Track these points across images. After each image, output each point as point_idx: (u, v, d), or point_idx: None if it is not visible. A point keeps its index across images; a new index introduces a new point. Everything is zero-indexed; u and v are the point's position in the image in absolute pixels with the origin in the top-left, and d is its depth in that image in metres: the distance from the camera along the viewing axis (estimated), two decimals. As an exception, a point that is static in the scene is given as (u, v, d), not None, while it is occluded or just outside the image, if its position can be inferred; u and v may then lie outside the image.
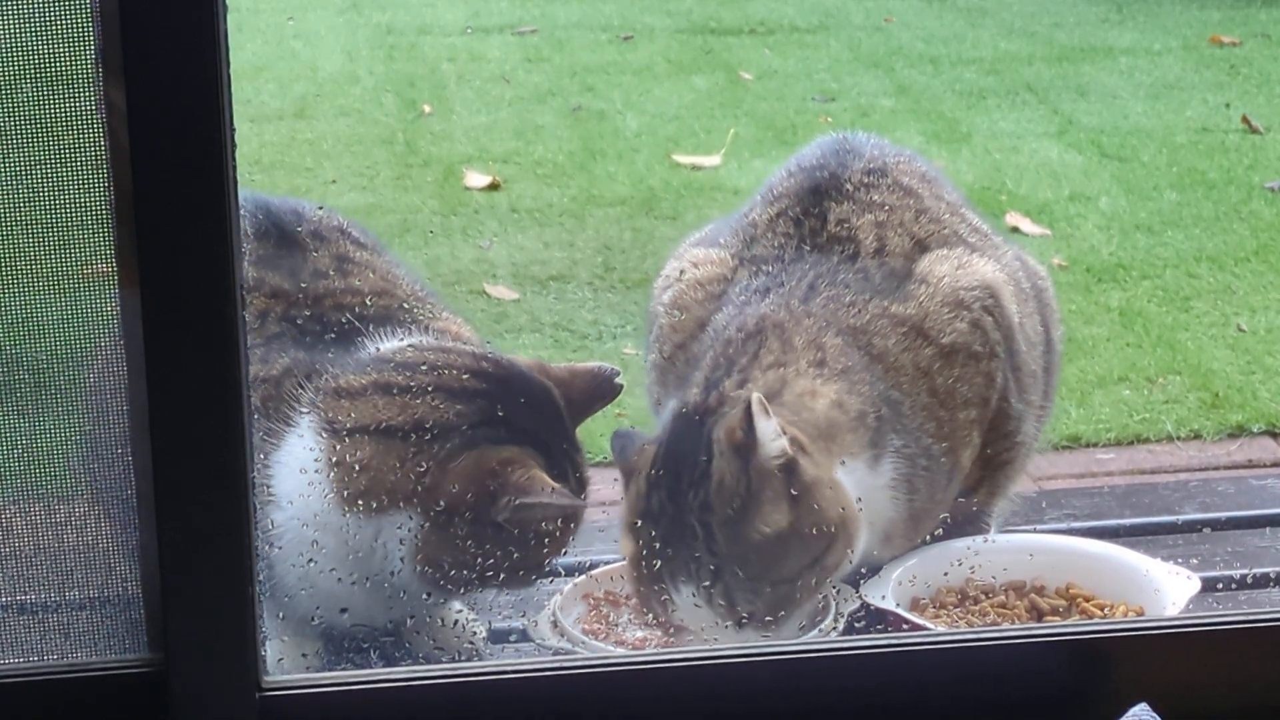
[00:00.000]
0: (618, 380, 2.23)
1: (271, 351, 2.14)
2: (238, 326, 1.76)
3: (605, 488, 2.26)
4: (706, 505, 2.13)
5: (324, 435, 2.10)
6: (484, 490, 2.08)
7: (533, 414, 2.15)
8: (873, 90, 5.70)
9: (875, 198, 2.42)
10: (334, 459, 2.09)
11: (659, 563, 2.15)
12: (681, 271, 2.41)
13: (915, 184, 2.46)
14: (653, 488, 2.17)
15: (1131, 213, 4.67)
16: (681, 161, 4.98)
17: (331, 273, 2.22)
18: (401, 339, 2.19)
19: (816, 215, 2.41)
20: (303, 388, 2.12)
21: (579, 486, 2.17)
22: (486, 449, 2.10)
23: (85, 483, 1.90)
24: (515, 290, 4.11)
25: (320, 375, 2.13)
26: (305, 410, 2.11)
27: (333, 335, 2.17)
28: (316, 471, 2.09)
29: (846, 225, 2.39)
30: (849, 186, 2.42)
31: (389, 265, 2.29)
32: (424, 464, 2.09)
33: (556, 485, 2.08)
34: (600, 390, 2.22)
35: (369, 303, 2.22)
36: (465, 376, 2.15)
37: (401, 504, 2.09)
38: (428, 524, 2.09)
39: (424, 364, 2.15)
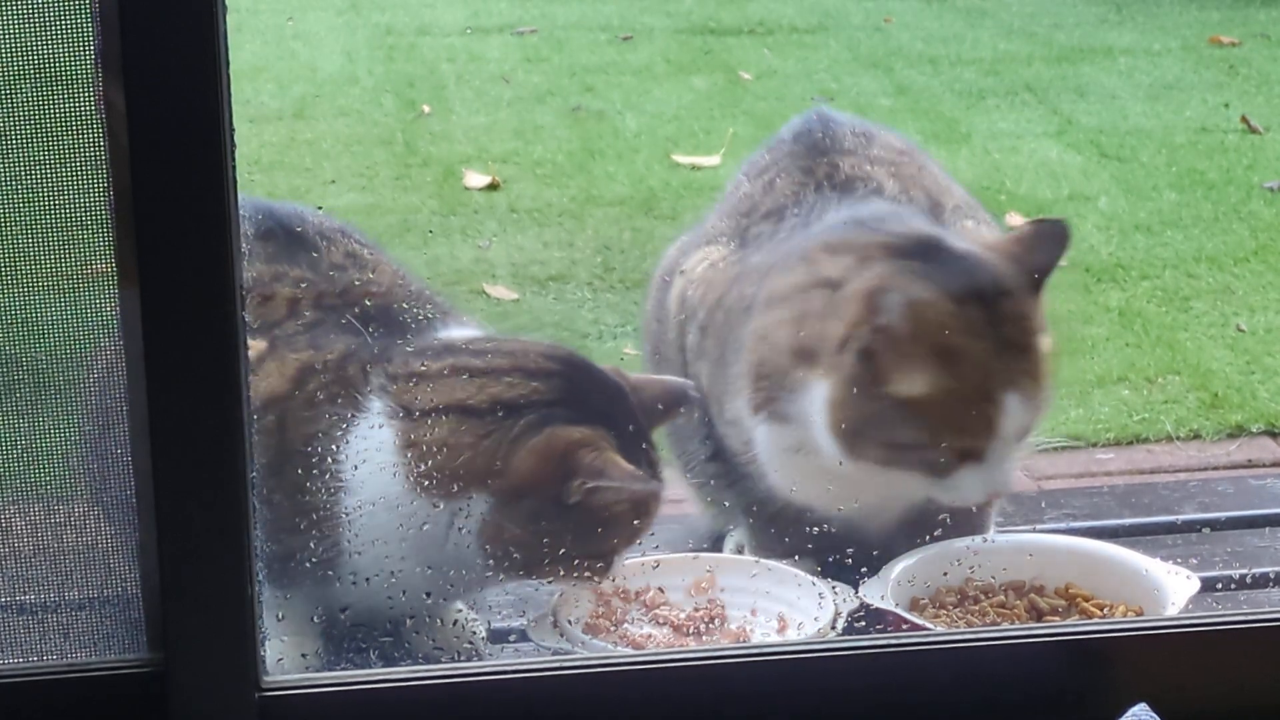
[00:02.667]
0: (691, 392, 2.24)
1: (316, 337, 2.15)
2: (238, 326, 1.76)
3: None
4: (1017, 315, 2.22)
5: (398, 418, 2.11)
6: (557, 471, 2.09)
7: (607, 401, 2.16)
8: (872, 90, 5.70)
9: (876, 152, 2.45)
10: (409, 440, 2.10)
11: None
12: (682, 271, 2.42)
13: (904, 145, 2.50)
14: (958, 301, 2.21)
15: (1131, 213, 4.67)
16: (681, 161, 4.98)
17: (349, 267, 2.24)
18: (465, 327, 2.21)
19: (827, 163, 2.42)
20: (368, 371, 2.13)
21: (651, 475, 2.17)
22: (560, 428, 2.11)
23: (85, 483, 1.90)
24: (515, 290, 4.11)
25: (388, 360, 2.14)
26: (375, 394, 2.12)
27: (386, 323, 2.18)
28: (389, 454, 2.10)
29: (861, 169, 2.41)
30: (847, 144, 2.44)
31: (396, 265, 2.31)
32: (499, 442, 2.10)
33: (630, 468, 2.09)
34: (672, 401, 2.23)
35: (397, 294, 2.24)
36: (542, 359, 2.17)
37: (475, 484, 2.10)
38: (499, 504, 2.09)
39: (501, 350, 2.17)
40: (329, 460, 2.10)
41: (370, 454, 2.10)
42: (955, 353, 2.16)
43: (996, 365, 2.17)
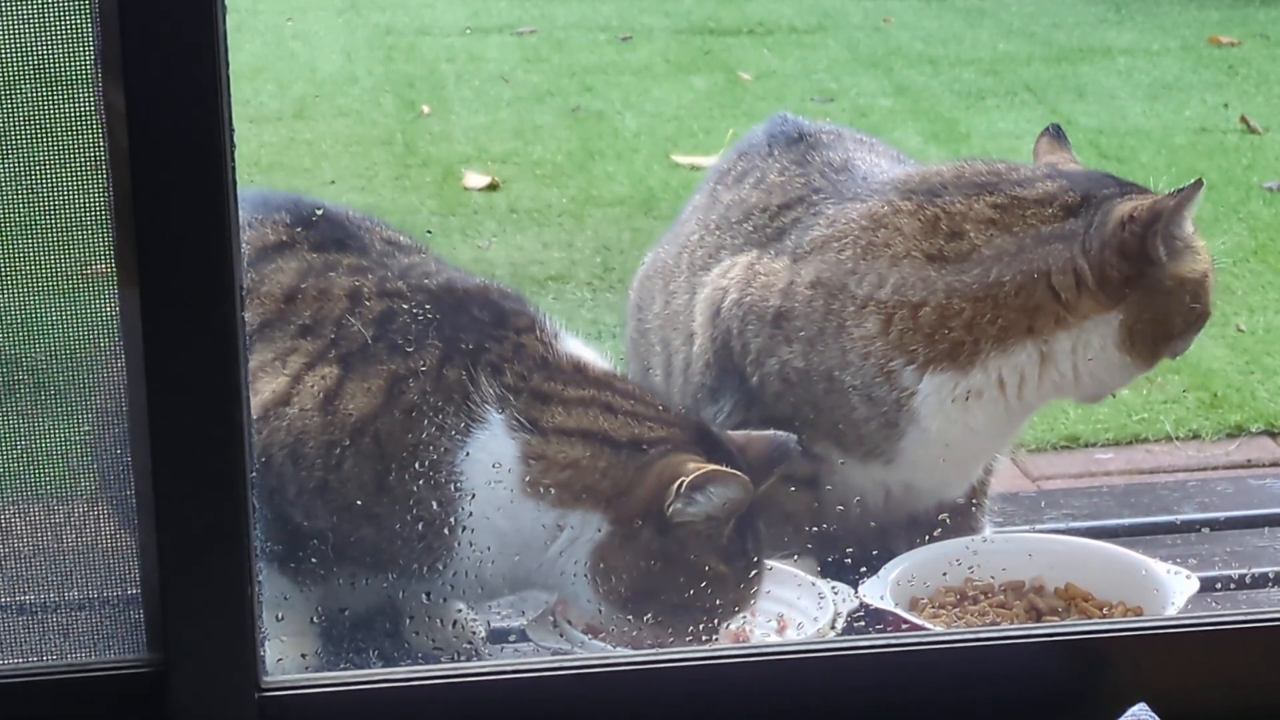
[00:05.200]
0: (794, 446, 2.24)
1: (394, 341, 2.15)
2: (238, 326, 1.76)
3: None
4: None
5: (523, 431, 2.12)
6: (665, 488, 2.10)
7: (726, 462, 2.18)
8: (871, 90, 5.69)
9: (851, 145, 2.47)
10: (535, 453, 2.11)
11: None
12: (744, 281, 2.42)
13: (870, 138, 2.53)
14: None
15: (1130, 213, 4.65)
16: (680, 161, 4.98)
17: (395, 252, 2.24)
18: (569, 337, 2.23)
19: (819, 157, 2.44)
20: (475, 378, 2.13)
21: (755, 546, 2.18)
22: (683, 454, 2.13)
23: (85, 483, 1.90)
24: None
25: (501, 371, 2.14)
26: (492, 405, 2.12)
27: (458, 318, 2.19)
28: (510, 463, 2.11)
29: (857, 155, 2.44)
30: (825, 138, 2.47)
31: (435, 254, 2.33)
32: (628, 469, 2.12)
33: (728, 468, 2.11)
34: (778, 456, 2.23)
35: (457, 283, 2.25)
36: (679, 415, 2.21)
37: (595, 504, 2.11)
38: (616, 529, 2.11)
39: (644, 398, 2.20)
40: (444, 468, 2.11)
41: (489, 462, 2.11)
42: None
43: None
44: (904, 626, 2.18)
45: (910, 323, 2.30)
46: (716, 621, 2.15)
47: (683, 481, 2.08)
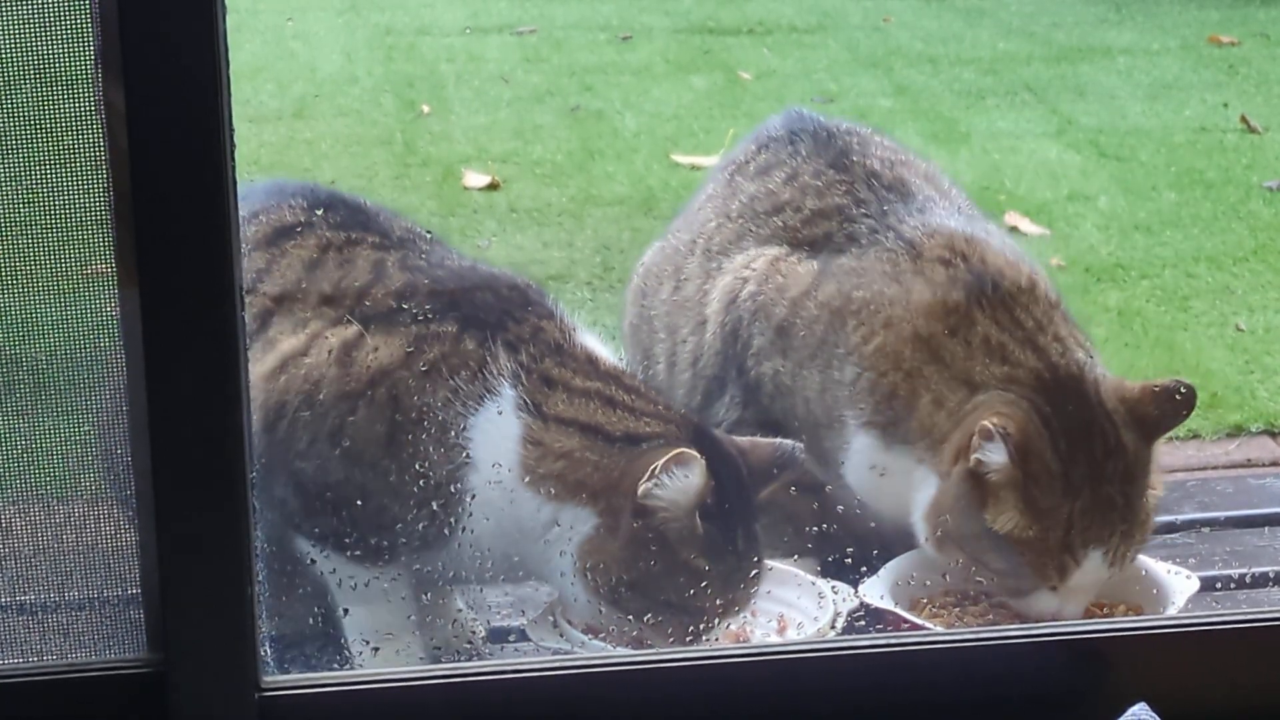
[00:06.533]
0: (799, 454, 2.24)
1: (416, 310, 2.17)
2: (238, 326, 1.76)
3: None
4: (1126, 476, 2.19)
5: (527, 413, 2.14)
6: (643, 476, 2.11)
7: (724, 468, 2.18)
8: (871, 90, 5.69)
9: (882, 153, 2.45)
10: (534, 438, 2.13)
11: (1072, 530, 2.19)
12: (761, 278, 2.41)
13: (895, 144, 2.53)
14: (1066, 459, 2.19)
15: (1130, 213, 4.66)
16: (680, 161, 4.97)
17: (416, 239, 2.26)
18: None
19: (860, 162, 2.42)
20: (491, 353, 2.15)
21: (747, 547, 2.17)
22: (668, 448, 2.12)
23: (85, 483, 1.91)
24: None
25: (518, 350, 2.16)
26: (508, 380, 2.14)
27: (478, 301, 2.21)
28: (512, 444, 2.13)
29: (896, 172, 2.42)
30: (854, 142, 2.45)
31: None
32: (619, 462, 2.13)
33: (698, 455, 2.11)
34: (781, 463, 2.23)
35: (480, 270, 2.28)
36: (679, 414, 2.22)
37: (585, 498, 2.12)
38: (604, 524, 2.12)
39: (647, 395, 2.21)
40: (452, 434, 2.12)
41: (494, 436, 2.13)
42: (1050, 510, 2.21)
43: (1088, 523, 2.21)
44: (904, 626, 2.18)
45: (871, 384, 2.28)
46: (713, 621, 2.15)
47: (655, 466, 2.09)
